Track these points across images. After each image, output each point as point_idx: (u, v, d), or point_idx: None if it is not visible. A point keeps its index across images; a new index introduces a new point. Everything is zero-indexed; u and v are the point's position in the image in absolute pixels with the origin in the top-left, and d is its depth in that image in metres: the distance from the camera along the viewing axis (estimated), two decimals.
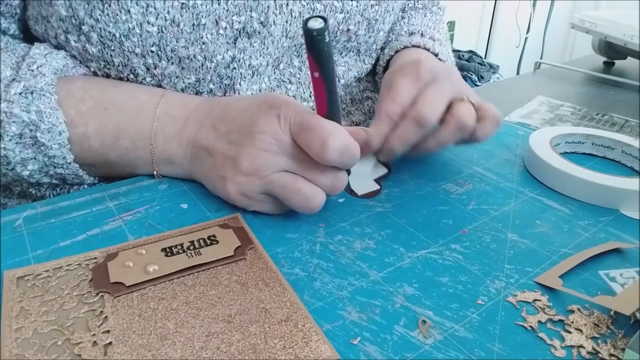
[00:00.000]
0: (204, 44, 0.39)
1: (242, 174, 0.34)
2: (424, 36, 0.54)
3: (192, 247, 0.31)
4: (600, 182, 0.40)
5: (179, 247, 0.31)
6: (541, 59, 2.12)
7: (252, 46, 0.41)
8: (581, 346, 0.26)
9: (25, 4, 0.41)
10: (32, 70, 0.36)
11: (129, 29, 0.37)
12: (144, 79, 0.40)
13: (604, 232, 0.36)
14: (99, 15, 0.36)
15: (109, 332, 0.25)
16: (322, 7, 0.44)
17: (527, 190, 0.42)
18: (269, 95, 0.36)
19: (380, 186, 0.41)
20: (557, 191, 0.42)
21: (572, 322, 0.28)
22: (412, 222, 0.37)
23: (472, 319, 0.28)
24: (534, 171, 0.44)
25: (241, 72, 0.42)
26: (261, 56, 0.42)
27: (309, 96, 0.48)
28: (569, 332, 0.27)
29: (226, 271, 0.30)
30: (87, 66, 0.40)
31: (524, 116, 0.60)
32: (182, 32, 0.38)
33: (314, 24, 0.28)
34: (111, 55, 0.38)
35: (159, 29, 0.37)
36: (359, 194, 0.40)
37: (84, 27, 0.37)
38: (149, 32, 0.37)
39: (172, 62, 0.39)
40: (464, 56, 2.13)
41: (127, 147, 0.38)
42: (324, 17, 0.28)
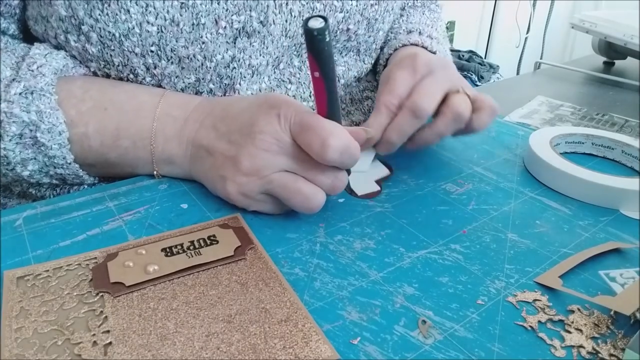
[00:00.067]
0: (203, 43, 0.39)
1: (242, 174, 0.34)
2: (422, 34, 0.54)
3: (192, 247, 0.31)
4: (600, 182, 0.40)
5: (179, 247, 0.31)
6: (541, 59, 2.12)
7: (252, 46, 0.41)
8: (581, 346, 0.26)
9: (25, 4, 0.41)
10: (32, 70, 0.36)
11: (129, 28, 0.37)
12: (144, 78, 0.40)
13: (604, 232, 0.36)
14: (99, 15, 0.36)
15: (109, 332, 0.25)
16: (322, 6, 0.44)
17: (527, 190, 0.42)
18: (269, 95, 0.36)
19: (380, 188, 0.41)
20: (557, 191, 0.42)
21: (572, 322, 0.28)
22: (412, 222, 0.37)
23: (472, 319, 0.28)
24: (534, 171, 0.44)
25: (241, 72, 0.42)
26: (261, 56, 0.42)
27: (309, 96, 0.48)
28: (569, 332, 0.27)
29: (226, 271, 0.30)
30: (87, 66, 0.40)
31: (524, 116, 0.60)
32: (181, 32, 0.38)
33: (314, 24, 0.28)
34: (111, 55, 0.38)
35: (158, 29, 0.37)
36: (359, 194, 0.40)
37: (83, 27, 0.37)
38: (148, 31, 0.37)
39: (172, 62, 0.39)
40: (464, 56, 2.12)
41: (127, 147, 0.38)
42: (324, 17, 0.28)
